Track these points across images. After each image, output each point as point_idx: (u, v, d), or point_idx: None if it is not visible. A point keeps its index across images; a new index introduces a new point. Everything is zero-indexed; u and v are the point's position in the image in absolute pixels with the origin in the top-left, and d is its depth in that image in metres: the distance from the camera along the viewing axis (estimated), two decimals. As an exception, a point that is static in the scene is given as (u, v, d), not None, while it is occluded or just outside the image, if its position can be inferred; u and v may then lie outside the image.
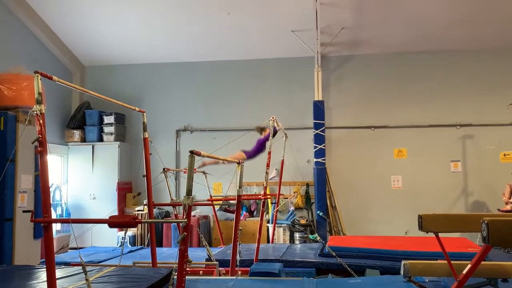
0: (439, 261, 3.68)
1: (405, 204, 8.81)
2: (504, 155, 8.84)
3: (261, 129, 6.75)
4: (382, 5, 8.07)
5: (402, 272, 3.60)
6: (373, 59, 9.40)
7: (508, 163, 8.63)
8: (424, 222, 3.31)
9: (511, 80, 8.92)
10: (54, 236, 5.11)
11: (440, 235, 3.36)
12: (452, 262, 3.27)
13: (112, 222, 2.95)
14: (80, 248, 7.40)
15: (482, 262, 2.61)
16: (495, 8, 7.97)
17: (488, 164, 8.87)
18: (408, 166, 9.08)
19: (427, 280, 4.11)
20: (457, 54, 9.16)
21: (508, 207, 7.80)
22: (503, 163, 8.78)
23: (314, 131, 8.59)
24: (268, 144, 6.37)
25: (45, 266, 3.24)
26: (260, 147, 6.69)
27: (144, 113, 5.07)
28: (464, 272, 2.38)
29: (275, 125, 6.42)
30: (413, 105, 9.17)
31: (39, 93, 3.22)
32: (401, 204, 8.88)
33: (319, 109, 8.60)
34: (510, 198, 7.85)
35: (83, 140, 9.41)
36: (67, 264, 5.64)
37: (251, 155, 6.71)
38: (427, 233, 3.36)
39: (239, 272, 5.09)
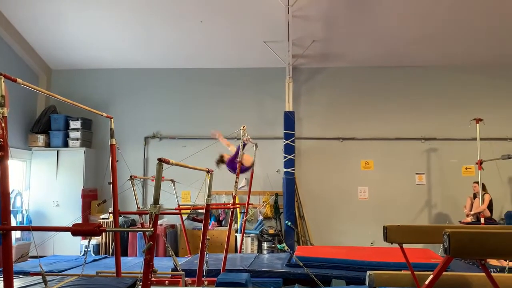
0: (403, 272, 3.76)
1: (371, 215, 8.96)
2: (466, 168, 9.14)
3: (220, 161, 6.60)
4: (352, 20, 8.26)
5: (367, 282, 3.66)
6: (343, 72, 9.58)
7: (469, 176, 8.92)
8: (389, 233, 3.38)
9: (474, 96, 9.27)
10: (13, 244, 4.91)
11: (404, 245, 3.44)
12: (415, 272, 3.35)
13: (76, 230, 2.87)
14: (40, 256, 7.15)
15: (444, 273, 2.68)
16: (461, 27, 8.29)
17: (451, 177, 9.15)
18: (374, 178, 9.26)
19: (391, 291, 4.18)
20: (423, 70, 9.46)
21: (469, 219, 8.05)
22: (465, 176, 9.07)
23: (284, 141, 8.65)
24: (240, 158, 6.32)
25: (2, 276, 3.11)
26: (235, 167, 6.45)
27: (112, 119, 4.97)
28: (426, 282, 2.44)
29: (244, 135, 6.43)
30: (380, 118, 9.39)
31: (2, 96, 3.12)
32: (367, 215, 9.03)
33: (289, 119, 8.68)
34: (471, 211, 8.10)
35: (48, 145, 9.13)
36: (26, 273, 5.43)
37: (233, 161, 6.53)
38: (391, 244, 3.44)
39: (206, 282, 5.03)
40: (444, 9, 7.92)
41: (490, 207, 8.00)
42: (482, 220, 7.73)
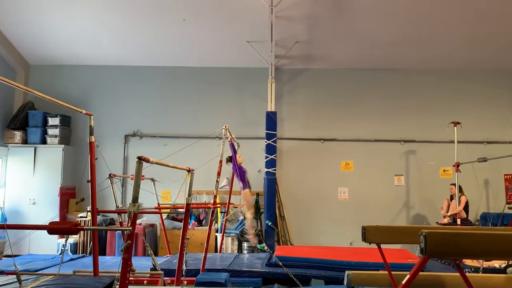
0: (380, 272, 3.81)
1: (350, 216, 9.05)
2: (444, 170, 9.32)
3: (229, 160, 7.08)
4: (334, 22, 8.33)
5: (345, 282, 3.68)
6: (324, 74, 9.65)
7: (447, 178, 9.10)
8: (368, 234, 3.42)
9: (452, 100, 9.46)
10: (-13, 243, 4.80)
11: (382, 246, 3.48)
12: (392, 272, 3.39)
13: (52, 229, 2.81)
14: (15, 255, 6.98)
15: (420, 273, 2.72)
16: (440, 32, 8.45)
17: (429, 179, 9.31)
18: (354, 179, 9.35)
19: (369, 290, 4.22)
20: (403, 73, 9.60)
21: (445, 221, 8.20)
22: (443, 178, 9.25)
23: (266, 141, 8.67)
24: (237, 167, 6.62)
25: (-26, 275, 3.03)
26: (242, 176, 6.89)
27: (91, 116, 4.89)
28: (403, 282, 2.47)
29: (227, 134, 6.44)
30: (361, 120, 9.49)
31: (-23, 90, 3.04)
32: (347, 216, 9.11)
33: (271, 120, 8.70)
34: (447, 212, 8.26)
35: (25, 141, 8.95)
36: (0, 272, 5.31)
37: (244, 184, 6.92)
38: (370, 244, 3.48)
39: (185, 282, 5.00)
40: (424, 14, 8.06)
41: (466, 208, 8.18)
42: (459, 221, 7.89)
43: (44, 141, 8.98)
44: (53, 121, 9.04)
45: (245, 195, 6.83)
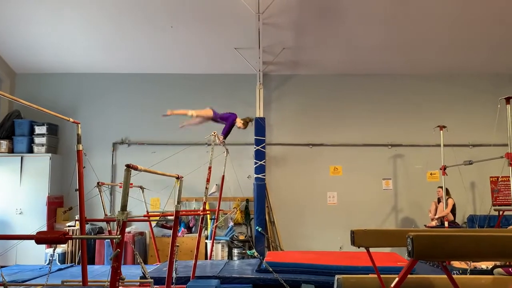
0: (370, 275, 3.84)
1: (340, 220, 9.09)
2: (431, 174, 9.43)
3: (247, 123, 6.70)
4: (321, 29, 8.41)
5: (335, 286, 3.70)
6: (312, 80, 9.72)
7: (434, 181, 9.20)
8: (356, 238, 3.45)
9: (439, 104, 9.59)
10: (-27, 254, 4.73)
11: (371, 249, 3.51)
12: (382, 276, 3.42)
13: (40, 238, 2.78)
14: (2, 266, 6.87)
15: (409, 276, 2.75)
16: (426, 37, 8.58)
17: (417, 182, 9.40)
18: (343, 183, 9.41)
19: (359, 294, 4.25)
20: (390, 78, 9.71)
21: (433, 223, 8.29)
22: (430, 181, 9.35)
23: (255, 147, 8.69)
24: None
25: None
26: (227, 127, 6.61)
27: (79, 125, 4.87)
28: (392, 285, 2.50)
29: (216, 139, 6.45)
30: (349, 125, 9.57)
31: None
32: (336, 220, 9.15)
33: (260, 125, 8.73)
34: (435, 215, 8.35)
35: (11, 151, 8.85)
36: (-14, 284, 5.22)
37: (217, 120, 6.57)
38: (359, 248, 3.51)
39: (175, 289, 4.97)
40: (410, 20, 8.18)
41: (453, 211, 8.28)
42: (446, 224, 7.99)
43: (31, 150, 8.89)
44: (40, 129, 8.96)
45: (205, 111, 6.54)
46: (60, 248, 8.07)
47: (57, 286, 4.67)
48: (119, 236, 2.85)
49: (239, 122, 6.49)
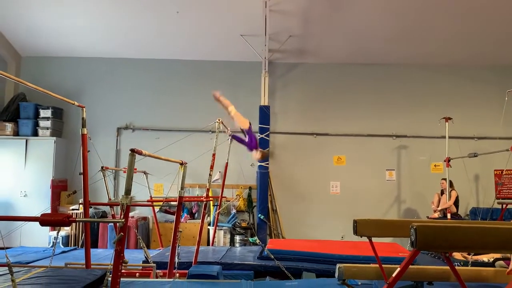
0: (371, 265, 3.85)
1: (342, 210, 9.10)
2: (435, 165, 9.40)
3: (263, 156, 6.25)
4: (328, 17, 8.32)
5: (336, 275, 3.72)
6: (318, 68, 9.65)
7: (438, 173, 9.18)
8: (359, 227, 3.46)
9: (444, 96, 9.52)
10: (-22, 235, 4.77)
11: (373, 239, 3.52)
12: (383, 265, 3.43)
13: (44, 220, 2.80)
14: (7, 248, 6.95)
15: (410, 266, 2.76)
16: (433, 27, 8.48)
17: (420, 173, 9.38)
18: (346, 173, 9.40)
19: (359, 283, 4.28)
20: (396, 68, 9.63)
21: (436, 215, 8.29)
22: (434, 173, 9.33)
23: (259, 136, 8.67)
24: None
25: (-34, 267, 3.02)
26: (242, 142, 6.18)
27: (84, 108, 4.87)
28: (394, 275, 2.51)
29: (222, 127, 6.43)
30: (354, 115, 9.52)
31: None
32: (339, 209, 9.16)
33: (264, 114, 8.70)
34: (438, 206, 8.34)
35: (16, 133, 8.88)
36: (-9, 264, 5.28)
37: (245, 134, 6.09)
38: (361, 237, 3.52)
39: (177, 274, 5.02)
40: (417, 9, 8.08)
41: (456, 203, 8.27)
42: (449, 215, 7.98)
43: (35, 133, 8.92)
44: (45, 113, 8.97)
45: (243, 121, 6.04)
46: (64, 231, 8.14)
47: (60, 268, 4.72)
48: (123, 220, 2.87)
49: (257, 153, 6.05)
